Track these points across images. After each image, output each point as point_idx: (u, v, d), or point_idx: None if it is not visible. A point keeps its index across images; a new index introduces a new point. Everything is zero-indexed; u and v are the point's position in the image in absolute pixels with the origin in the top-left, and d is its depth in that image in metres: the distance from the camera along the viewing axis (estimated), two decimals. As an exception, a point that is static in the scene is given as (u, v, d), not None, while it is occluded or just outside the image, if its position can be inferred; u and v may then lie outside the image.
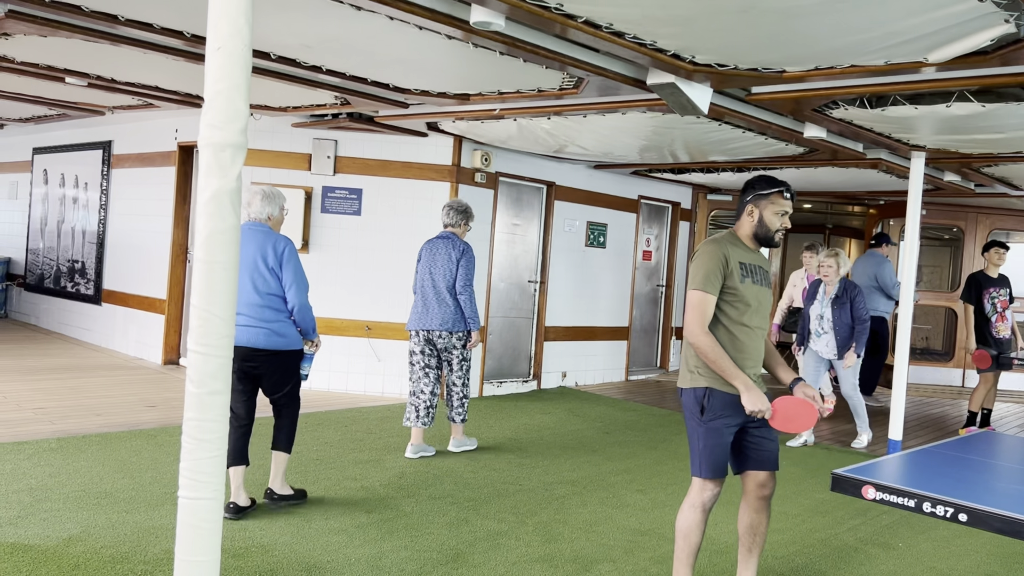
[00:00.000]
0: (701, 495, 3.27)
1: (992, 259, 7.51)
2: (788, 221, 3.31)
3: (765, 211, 3.27)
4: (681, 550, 3.31)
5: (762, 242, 3.33)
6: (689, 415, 3.28)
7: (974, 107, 4.48)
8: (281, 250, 4.26)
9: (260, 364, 4.26)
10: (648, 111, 5.49)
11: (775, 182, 3.28)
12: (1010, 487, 2.92)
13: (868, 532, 4.63)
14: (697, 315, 3.17)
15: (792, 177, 8.55)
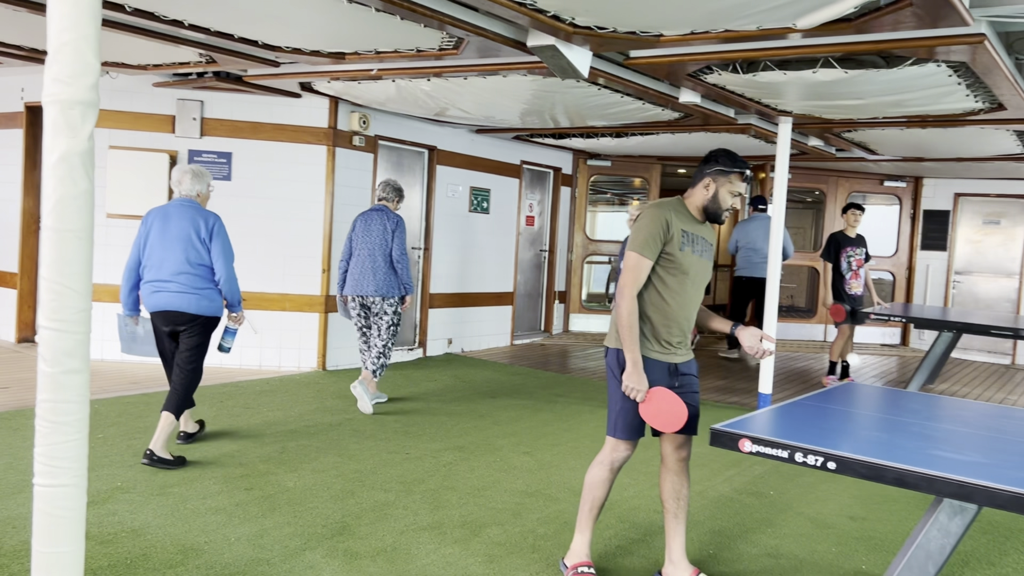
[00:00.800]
0: (612, 454, 3.31)
1: (849, 220, 8.02)
2: (738, 202, 3.31)
3: (722, 188, 3.23)
4: (586, 502, 3.37)
5: (710, 217, 3.29)
6: (611, 375, 3.30)
7: (837, 73, 4.68)
8: (211, 225, 4.72)
9: (186, 327, 4.71)
10: (529, 74, 5.46)
11: (738, 162, 3.23)
12: (872, 434, 3.10)
13: (742, 482, 4.85)
14: (629, 277, 3.17)
15: (667, 143, 8.77)
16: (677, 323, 3.26)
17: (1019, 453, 2.85)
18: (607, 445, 3.34)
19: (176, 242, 4.64)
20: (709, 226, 3.36)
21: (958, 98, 5.27)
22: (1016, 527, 4.29)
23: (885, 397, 3.98)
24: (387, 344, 6.20)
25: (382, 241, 6.08)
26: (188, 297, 4.64)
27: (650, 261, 3.16)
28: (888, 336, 11.59)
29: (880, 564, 3.73)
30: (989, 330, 7.36)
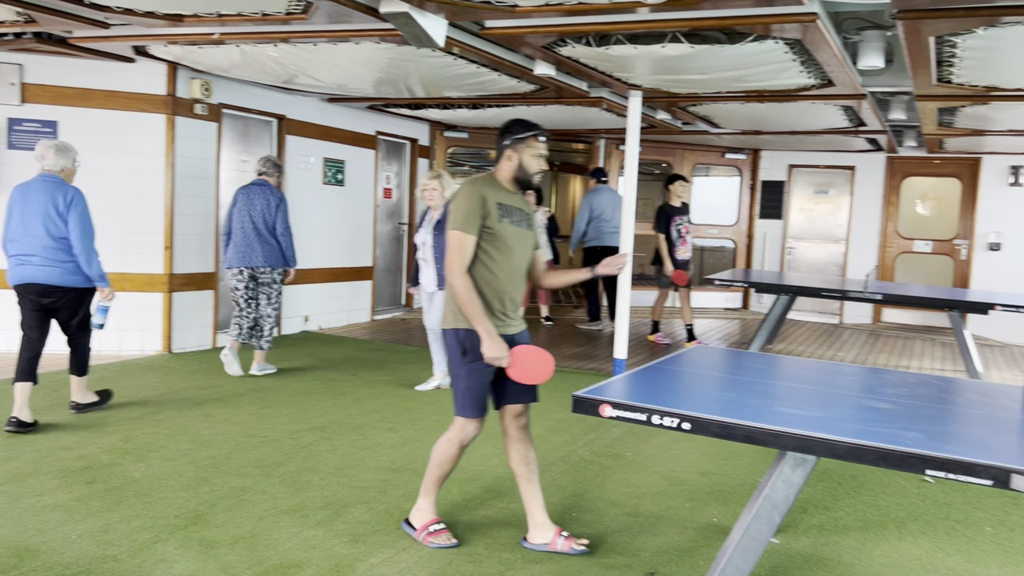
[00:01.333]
0: (461, 433, 3.37)
1: (675, 191, 8.56)
2: (544, 163, 3.38)
3: (523, 155, 3.31)
4: (432, 475, 3.47)
5: (522, 185, 3.37)
6: (452, 356, 3.34)
7: (684, 48, 4.84)
8: (69, 199, 4.79)
9: (56, 299, 4.85)
10: (382, 41, 5.31)
11: (530, 125, 3.33)
12: (721, 394, 3.26)
13: (601, 445, 5.01)
14: (456, 255, 3.21)
15: (523, 115, 8.81)
16: (508, 294, 3.34)
17: (851, 406, 3.08)
18: (456, 424, 3.37)
19: (36, 216, 4.75)
20: (523, 197, 3.45)
21: (792, 74, 5.59)
22: (847, 474, 4.66)
23: (730, 359, 4.20)
24: (272, 316, 6.57)
25: (264, 214, 6.35)
26: (51, 270, 4.77)
27: (473, 237, 3.21)
28: (730, 300, 12.28)
29: (730, 515, 3.96)
30: (821, 292, 7.92)
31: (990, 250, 10.57)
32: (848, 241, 11.54)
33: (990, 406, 3.17)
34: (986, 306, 7.09)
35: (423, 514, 3.50)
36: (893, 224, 11.29)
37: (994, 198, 10.56)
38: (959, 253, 10.88)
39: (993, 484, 2.28)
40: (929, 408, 3.07)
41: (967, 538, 3.82)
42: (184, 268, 7.26)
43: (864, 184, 11.37)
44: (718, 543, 3.60)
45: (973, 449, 2.51)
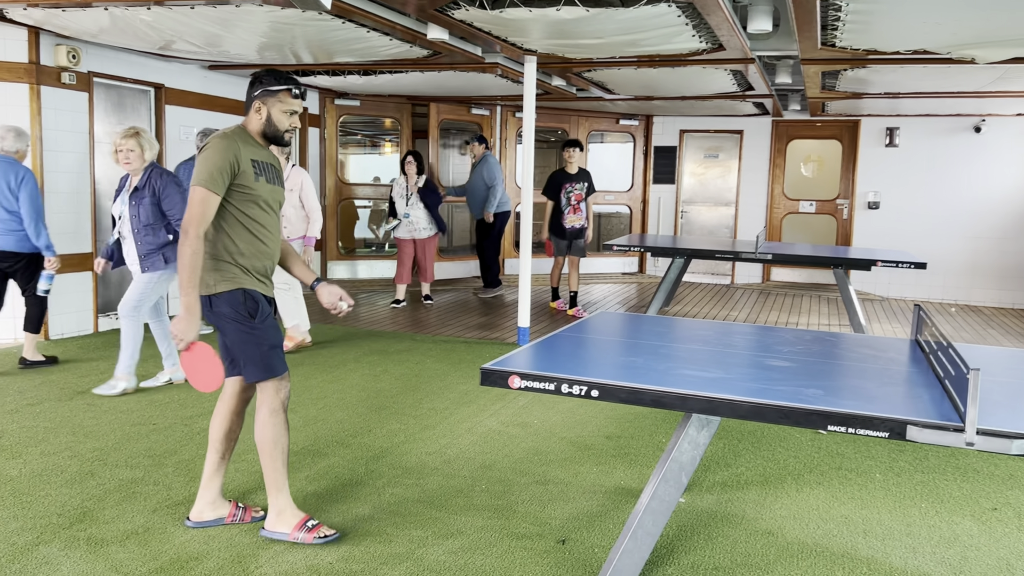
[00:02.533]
0: (279, 395, 3.16)
1: (568, 157, 8.50)
2: (297, 120, 3.20)
3: (273, 109, 3.12)
4: (276, 459, 3.18)
5: (271, 140, 3.19)
6: (234, 320, 3.09)
7: (579, 11, 4.79)
8: (20, 178, 5.51)
9: (12, 263, 5.60)
10: (265, 4, 5.03)
11: (283, 78, 3.13)
12: (626, 359, 3.27)
13: (508, 415, 4.99)
14: (197, 212, 2.96)
15: (418, 81, 8.62)
16: (270, 254, 3.20)
17: (750, 366, 3.14)
18: (268, 390, 3.14)
19: None
20: (273, 153, 3.29)
21: (685, 39, 5.63)
22: (746, 431, 4.80)
23: (631, 323, 4.23)
24: None
25: None
26: (7, 238, 5.52)
27: (218, 196, 3.00)
28: (628, 265, 12.49)
29: (637, 477, 4.01)
30: (714, 254, 8.13)
31: (869, 209, 11.11)
32: (738, 203, 11.89)
33: (880, 360, 3.30)
34: (868, 262, 7.44)
35: (286, 515, 3.21)
36: (780, 186, 11.70)
37: (872, 159, 11.08)
38: (841, 212, 11.39)
39: (889, 436, 2.35)
40: (824, 364, 3.16)
41: (859, 485, 4.00)
42: (59, 249, 6.75)
43: (752, 148, 11.72)
44: (628, 506, 3.64)
45: (869, 403, 2.58)
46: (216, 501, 3.35)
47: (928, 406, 2.54)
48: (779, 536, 3.40)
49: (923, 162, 10.77)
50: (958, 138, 10.61)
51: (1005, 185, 10.42)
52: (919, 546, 3.35)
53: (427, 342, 7.08)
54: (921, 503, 3.80)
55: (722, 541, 3.34)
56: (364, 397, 5.31)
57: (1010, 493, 3.96)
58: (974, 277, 10.51)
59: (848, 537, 3.41)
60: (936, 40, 5.39)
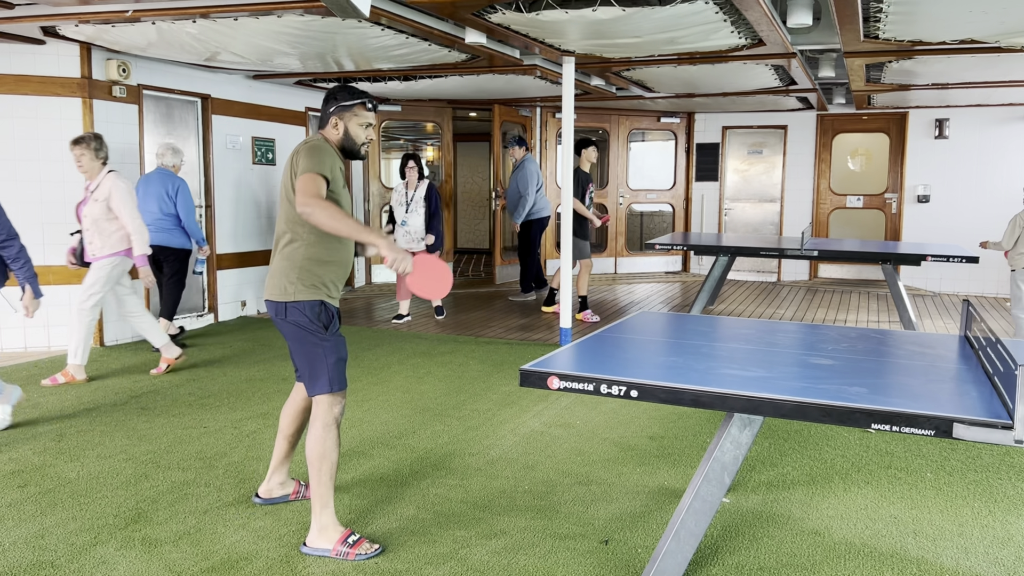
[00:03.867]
0: (332, 410, 3.20)
1: (587, 156, 8.31)
2: (373, 133, 3.29)
3: (350, 123, 3.22)
4: (324, 472, 3.18)
5: (347, 154, 3.27)
6: (307, 332, 3.16)
7: (615, 11, 4.78)
8: (176, 187, 6.69)
9: (165, 255, 6.65)
10: (306, 14, 5.13)
11: (357, 93, 3.23)
12: (667, 359, 3.26)
13: (551, 415, 5.00)
14: (313, 189, 3.00)
15: (456, 85, 8.68)
16: (346, 264, 3.29)
17: (793, 364, 3.10)
18: (323, 404, 3.18)
19: (153, 197, 6.61)
20: None
21: (724, 35, 5.58)
22: (792, 430, 4.74)
23: (673, 322, 4.21)
24: None
25: None
26: (161, 234, 6.58)
27: (325, 181, 3.06)
28: (671, 264, 12.40)
29: (680, 478, 3.99)
30: (759, 252, 8.04)
31: (919, 202, 10.86)
32: (783, 200, 11.73)
33: (927, 356, 3.24)
34: (918, 257, 7.28)
35: (329, 531, 3.18)
36: (826, 181, 11.50)
37: (921, 151, 10.83)
38: (890, 207, 11.16)
39: (935, 434, 2.31)
40: (869, 362, 3.11)
41: (909, 485, 3.92)
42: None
43: (796, 143, 11.54)
44: (671, 506, 3.62)
45: (915, 401, 2.54)
46: (285, 481, 3.66)
47: (976, 403, 2.49)
48: (826, 536, 3.36)
49: (974, 154, 10.49)
50: (1010, 128, 10.32)
51: (1062, 175, 10.11)
52: (971, 546, 3.28)
53: (470, 344, 7.12)
54: (974, 503, 3.72)
55: (767, 541, 3.30)
56: (408, 399, 5.37)
57: (1068, 492, 3.85)
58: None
59: (898, 537, 3.35)
60: (983, 29, 5.26)
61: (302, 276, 3.14)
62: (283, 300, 3.14)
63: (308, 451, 3.20)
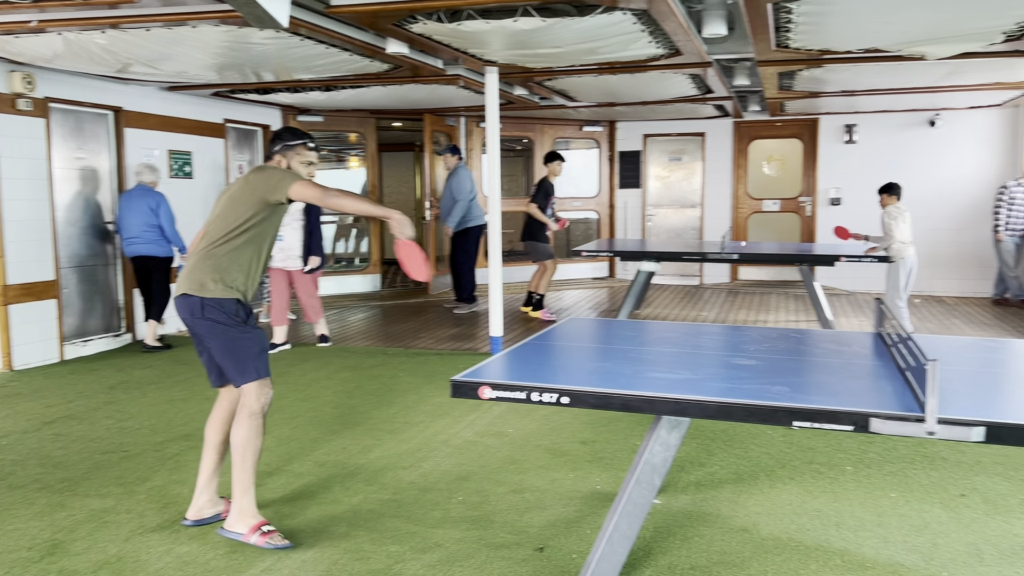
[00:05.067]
0: (260, 400, 3.35)
1: (554, 170, 8.64)
2: (313, 170, 3.60)
3: (293, 161, 3.53)
4: (247, 460, 3.34)
5: None
6: (227, 326, 3.32)
7: (536, 22, 4.83)
8: (157, 201, 7.19)
9: (151, 264, 7.22)
10: (222, 24, 5.02)
11: (300, 134, 3.56)
12: (596, 365, 3.30)
13: (483, 425, 4.99)
14: (320, 188, 3.28)
15: (380, 95, 8.62)
16: (256, 281, 3.48)
17: (718, 366, 3.18)
18: (252, 393, 3.33)
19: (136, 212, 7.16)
20: None
21: (642, 45, 5.69)
22: (719, 429, 4.85)
23: (601, 328, 4.27)
24: None
25: None
26: (148, 245, 7.17)
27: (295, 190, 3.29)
28: (598, 270, 12.55)
29: (612, 481, 4.03)
30: (681, 256, 8.22)
31: (831, 205, 11.28)
32: (703, 205, 12.02)
33: (844, 354, 3.36)
34: (832, 258, 7.56)
35: (247, 516, 3.35)
36: (743, 186, 11.84)
37: (832, 156, 11.26)
38: (804, 210, 11.55)
39: (854, 429, 2.40)
40: (790, 361, 3.21)
41: (831, 479, 4.06)
42: (20, 278, 6.68)
43: (714, 150, 11.85)
44: (604, 510, 3.66)
45: (834, 398, 2.64)
46: (215, 500, 3.58)
47: (891, 398, 2.59)
48: (754, 532, 3.44)
49: (881, 157, 10.96)
50: (914, 132, 10.83)
51: (961, 177, 10.65)
52: (890, 535, 3.41)
53: (400, 356, 7.07)
54: (891, 493, 3.87)
55: (698, 540, 3.37)
56: (338, 415, 5.29)
57: (977, 479, 4.04)
58: (935, 268, 10.71)
59: (821, 530, 3.46)
60: (886, 38, 5.51)
61: (224, 276, 3.33)
62: (201, 295, 3.30)
63: (233, 438, 3.33)
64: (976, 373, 3.00)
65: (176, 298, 3.37)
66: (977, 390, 2.74)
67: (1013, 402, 2.72)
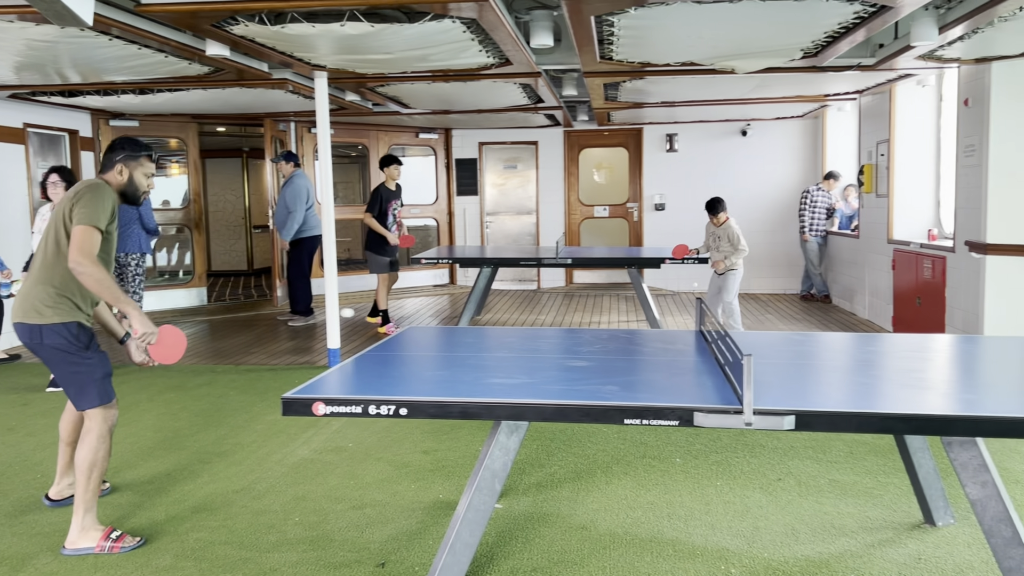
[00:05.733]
0: (106, 422, 3.41)
1: (391, 174, 8.49)
2: (153, 183, 3.64)
3: (135, 172, 3.53)
4: (94, 480, 3.38)
5: (129, 200, 3.56)
6: (68, 353, 3.35)
7: (364, 27, 4.74)
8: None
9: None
10: (19, 20, 4.58)
11: (143, 146, 3.58)
12: (435, 374, 3.27)
13: (321, 441, 4.84)
14: (88, 247, 3.22)
15: (202, 99, 8.20)
16: (95, 296, 3.47)
17: (553, 368, 3.24)
18: (97, 417, 3.39)
19: None
20: None
21: (472, 54, 5.73)
22: (558, 430, 4.95)
23: (440, 336, 4.25)
24: None
25: None
26: None
27: (100, 235, 3.29)
28: (438, 277, 12.55)
29: (455, 490, 4.02)
30: (519, 262, 8.36)
31: (656, 210, 11.86)
32: (538, 211, 12.30)
33: (669, 352, 3.52)
34: (658, 260, 7.95)
35: (90, 531, 3.37)
36: (575, 193, 12.22)
37: (656, 164, 11.84)
38: (632, 215, 12.08)
39: (679, 424, 2.51)
40: (620, 361, 3.32)
41: (662, 471, 4.24)
42: None
43: (547, 157, 12.17)
44: (447, 520, 3.64)
45: (660, 394, 2.75)
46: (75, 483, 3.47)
47: (712, 392, 2.74)
48: (592, 529, 3.53)
49: (700, 165, 11.65)
50: (729, 141, 11.59)
51: (771, 183, 11.50)
52: (716, 522, 3.60)
53: (230, 373, 6.73)
54: (716, 481, 4.09)
55: (539, 542, 3.41)
56: (161, 439, 4.96)
57: (791, 463, 4.35)
58: (750, 268, 11.44)
59: (654, 522, 3.61)
60: (700, 53, 5.85)
61: (59, 299, 3.33)
62: (39, 323, 3.30)
63: (78, 458, 3.36)
64: (787, 365, 3.23)
65: (14, 324, 3.37)
66: (788, 381, 2.95)
67: (818, 392, 2.95)
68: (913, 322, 7.61)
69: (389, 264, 8.55)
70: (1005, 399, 2.77)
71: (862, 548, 3.34)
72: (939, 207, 8.22)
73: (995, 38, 5.41)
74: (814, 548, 3.35)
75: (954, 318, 6.90)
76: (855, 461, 4.37)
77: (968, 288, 6.65)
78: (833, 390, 2.96)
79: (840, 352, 3.67)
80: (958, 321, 6.83)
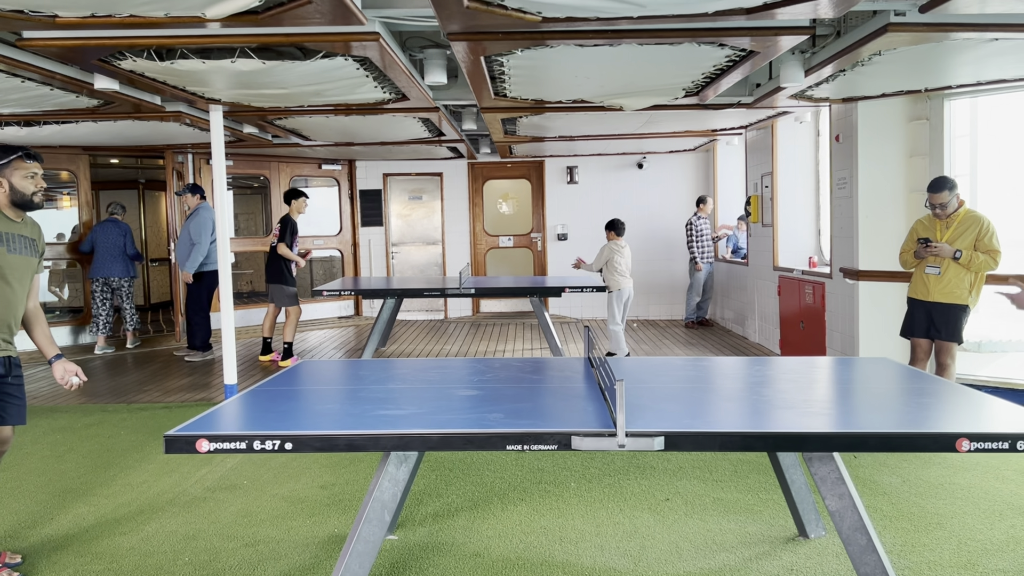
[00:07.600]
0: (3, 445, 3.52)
1: (298, 207, 8.49)
2: (41, 180, 3.45)
3: (13, 178, 3.37)
4: None
5: (25, 207, 3.42)
6: None
7: (256, 64, 4.77)
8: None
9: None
10: None
11: (11, 149, 3.40)
12: (326, 407, 3.30)
13: (214, 479, 4.76)
14: None
15: (93, 131, 7.99)
16: (4, 321, 3.39)
17: (445, 398, 3.32)
18: None
19: None
20: (30, 222, 3.53)
21: (368, 89, 5.81)
22: (457, 460, 5.01)
23: (334, 369, 4.27)
24: None
25: None
26: None
27: None
28: (343, 309, 12.46)
29: (350, 523, 4.02)
30: (423, 292, 8.42)
31: (559, 240, 12.13)
32: (444, 242, 12.40)
33: (557, 379, 3.65)
34: (559, 290, 8.15)
35: None
36: (480, 223, 12.39)
37: (557, 195, 12.14)
38: (536, 245, 12.31)
39: (558, 448, 2.62)
40: (509, 389, 3.43)
41: (557, 496, 4.35)
42: None
43: (452, 188, 12.30)
44: (339, 554, 3.64)
45: (542, 420, 2.86)
46: None
47: (591, 417, 2.87)
48: (485, 556, 3.60)
49: (599, 196, 12.01)
50: (626, 173, 11.99)
51: (666, 213, 11.95)
52: (606, 543, 3.73)
53: (121, 412, 6.53)
54: (608, 504, 4.23)
55: (432, 571, 3.46)
56: (45, 482, 4.78)
57: (680, 483, 4.54)
58: (650, 295, 11.88)
59: (547, 546, 3.70)
60: (589, 91, 6.09)
61: None
62: None
63: None
64: (665, 389, 3.40)
65: None
66: (661, 404, 3.11)
67: (689, 414, 3.12)
68: (798, 345, 8.03)
69: (295, 296, 8.50)
70: (858, 416, 3.00)
71: (741, 562, 3.52)
72: (819, 235, 8.73)
73: (856, 80, 5.85)
74: (696, 564, 3.51)
75: (833, 340, 7.32)
76: (739, 479, 4.58)
77: (844, 312, 7.08)
78: (705, 412, 3.14)
79: (719, 376, 3.88)
80: (837, 343, 7.25)
